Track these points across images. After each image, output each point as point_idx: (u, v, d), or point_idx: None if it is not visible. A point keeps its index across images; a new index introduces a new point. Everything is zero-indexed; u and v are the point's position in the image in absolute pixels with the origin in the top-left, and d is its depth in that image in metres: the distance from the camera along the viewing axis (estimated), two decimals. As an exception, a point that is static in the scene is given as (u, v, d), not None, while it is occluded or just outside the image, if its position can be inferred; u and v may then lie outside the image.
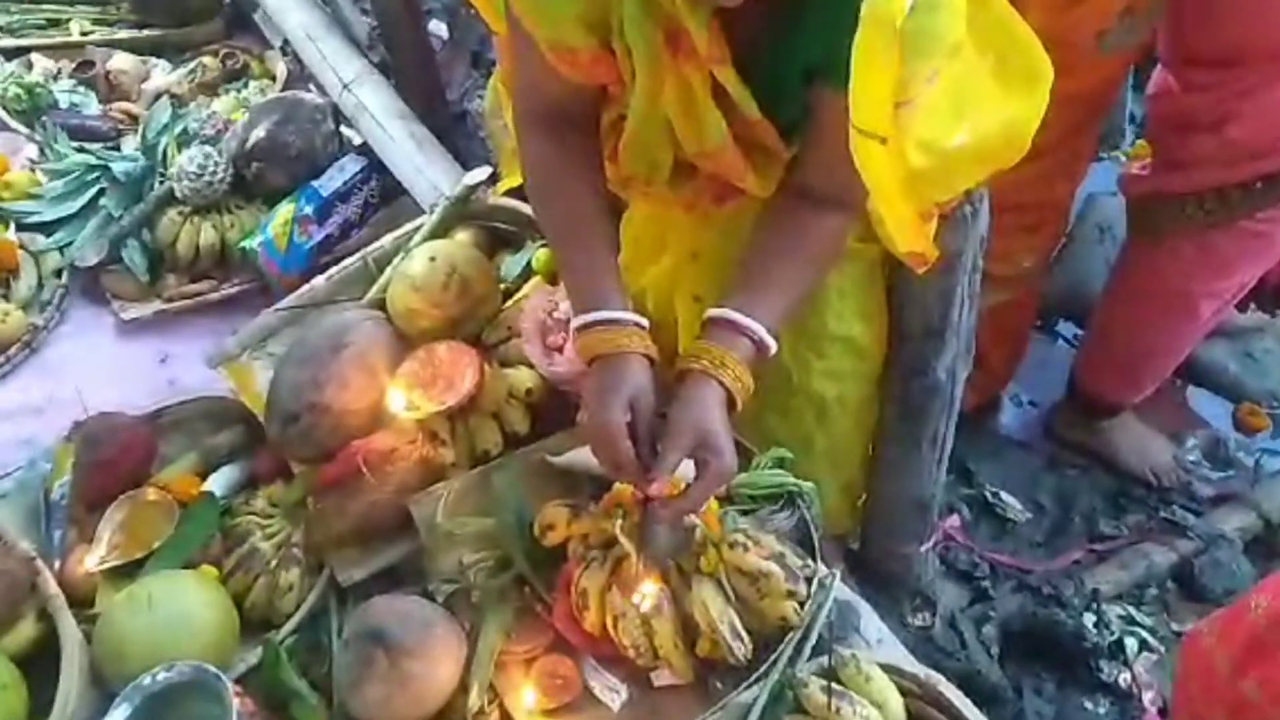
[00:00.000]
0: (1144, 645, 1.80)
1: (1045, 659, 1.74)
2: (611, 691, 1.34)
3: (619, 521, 1.36)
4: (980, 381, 2.07)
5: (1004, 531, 2.03)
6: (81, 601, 1.41)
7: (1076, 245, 2.62)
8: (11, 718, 1.28)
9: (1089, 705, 1.68)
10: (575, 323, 1.33)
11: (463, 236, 1.77)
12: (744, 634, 1.31)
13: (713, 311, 1.30)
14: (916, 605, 1.70)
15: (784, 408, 1.60)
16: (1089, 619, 1.80)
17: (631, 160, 1.38)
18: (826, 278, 1.47)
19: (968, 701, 1.30)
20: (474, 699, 1.32)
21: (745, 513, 1.41)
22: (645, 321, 1.33)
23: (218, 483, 1.54)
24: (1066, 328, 2.69)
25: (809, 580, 1.34)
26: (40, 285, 2.13)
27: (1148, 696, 1.68)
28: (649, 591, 1.31)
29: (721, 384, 1.25)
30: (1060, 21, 1.62)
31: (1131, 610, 1.88)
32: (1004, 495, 2.12)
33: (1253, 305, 2.29)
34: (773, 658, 1.30)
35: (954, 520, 1.88)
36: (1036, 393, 2.53)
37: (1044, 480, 2.23)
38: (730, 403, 1.26)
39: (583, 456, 1.50)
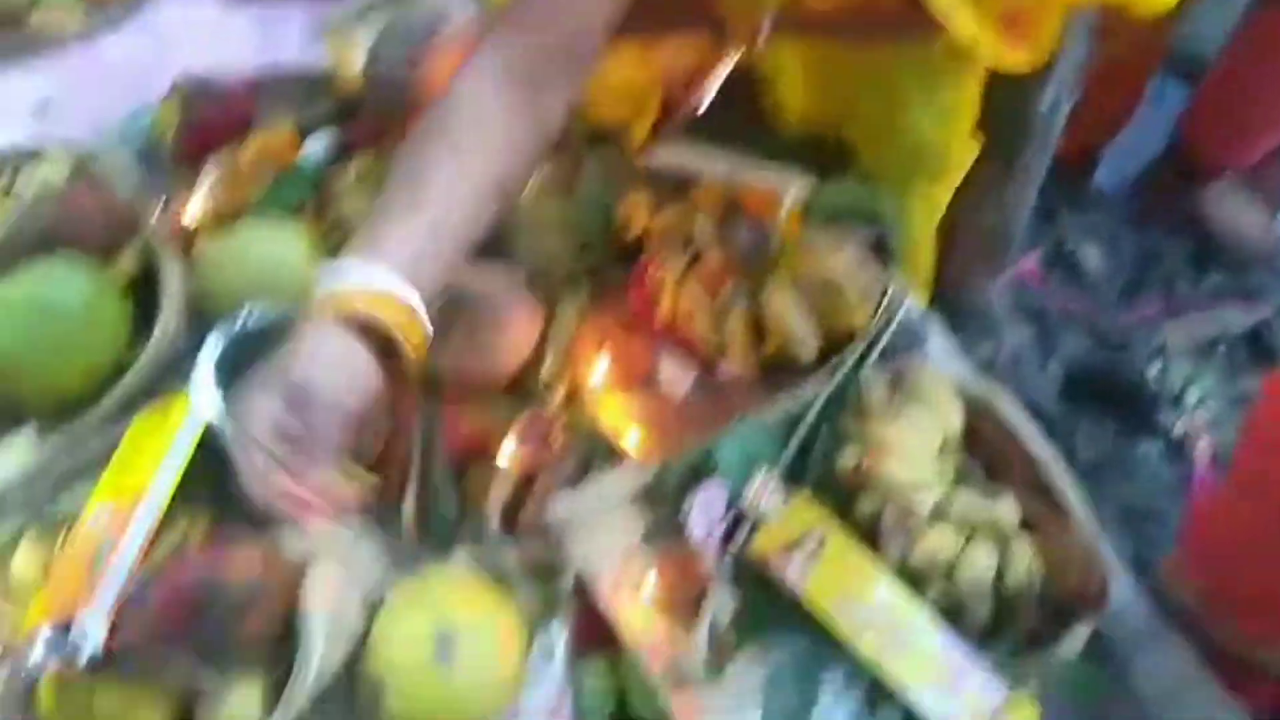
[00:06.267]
0: (1204, 399, 1.81)
1: (1104, 402, 1.77)
2: (678, 378, 1.39)
3: (701, 218, 1.39)
4: (1080, 133, 2.02)
5: (1080, 280, 2.02)
6: (180, 249, 1.46)
7: (1199, 4, 2.49)
8: (114, 340, 1.36)
9: (1142, 447, 1.71)
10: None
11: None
12: (813, 336, 1.34)
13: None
14: (983, 337, 1.72)
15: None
16: (1153, 369, 1.81)
17: None
18: None
19: (1024, 417, 1.34)
20: (547, 370, 1.38)
21: (828, 223, 1.42)
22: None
23: (313, 149, 1.57)
24: (1176, 90, 2.59)
25: (883, 291, 1.37)
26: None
27: (1201, 445, 1.71)
28: (723, 288, 1.35)
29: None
30: None
31: (1198, 367, 1.88)
32: (1085, 246, 2.10)
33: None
34: (839, 359, 1.34)
35: (1031, 260, 1.88)
36: (1135, 151, 2.47)
37: (1128, 236, 2.20)
38: None
39: (670, 155, 1.51)
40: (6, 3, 1.91)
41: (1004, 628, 1.20)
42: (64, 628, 1.02)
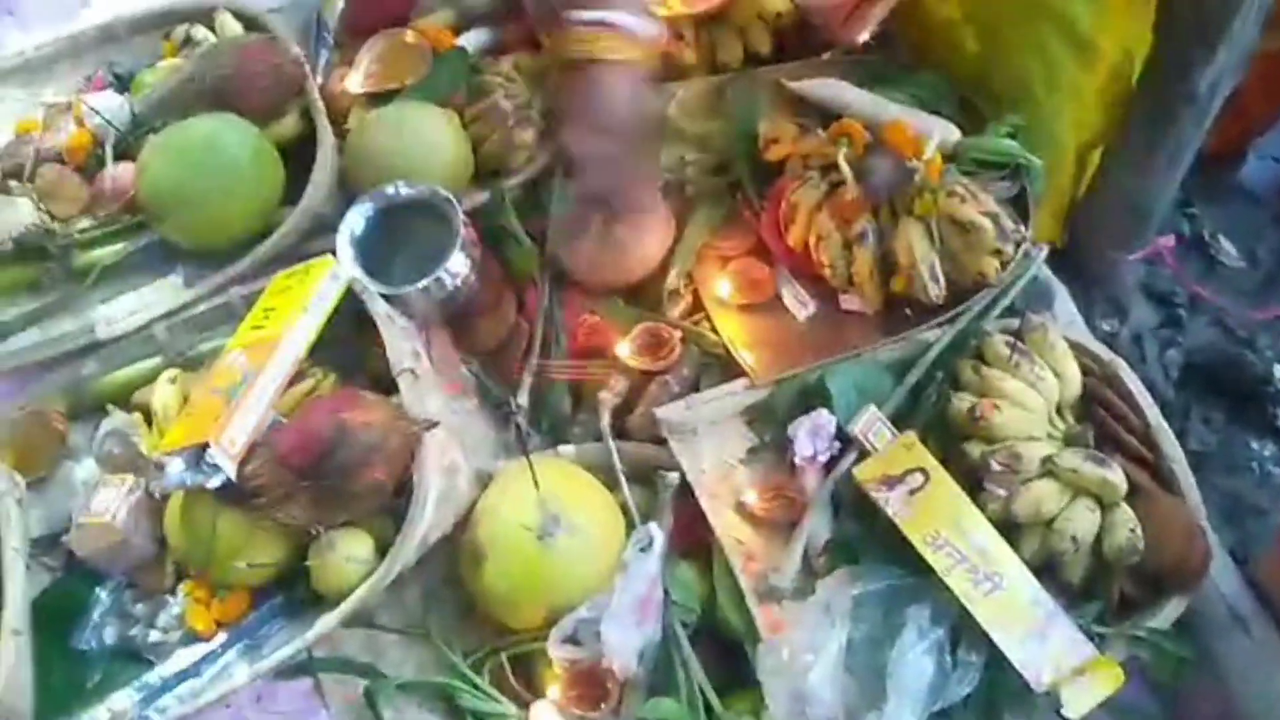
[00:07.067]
0: (1326, 410, 1.76)
1: (1221, 395, 1.73)
2: (800, 303, 1.40)
3: (844, 150, 1.38)
4: (1231, 127, 1.96)
5: (1214, 272, 1.97)
6: (336, 118, 1.50)
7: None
8: (271, 198, 1.42)
9: (1254, 445, 1.67)
10: None
11: None
12: (941, 278, 1.34)
13: None
14: (1108, 309, 1.69)
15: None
16: (1278, 370, 1.77)
17: None
18: None
19: (1143, 388, 1.33)
20: (672, 279, 1.40)
21: (968, 174, 1.40)
22: None
23: (470, 40, 1.59)
24: (1334, 94, 2.50)
25: (1018, 244, 1.36)
26: None
27: (1315, 453, 1.67)
28: (857, 220, 1.35)
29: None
30: None
31: (1323, 376, 1.83)
32: (1223, 239, 2.05)
33: None
34: (966, 305, 1.34)
35: (1169, 241, 1.83)
36: (1286, 152, 2.39)
37: (1268, 236, 2.13)
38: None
39: (818, 87, 1.51)
40: None
41: (1097, 591, 1.21)
42: (199, 452, 1.08)
